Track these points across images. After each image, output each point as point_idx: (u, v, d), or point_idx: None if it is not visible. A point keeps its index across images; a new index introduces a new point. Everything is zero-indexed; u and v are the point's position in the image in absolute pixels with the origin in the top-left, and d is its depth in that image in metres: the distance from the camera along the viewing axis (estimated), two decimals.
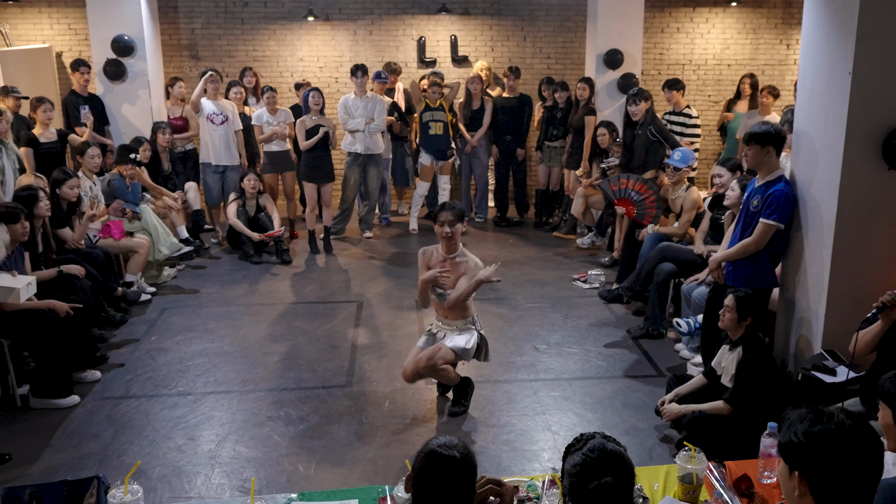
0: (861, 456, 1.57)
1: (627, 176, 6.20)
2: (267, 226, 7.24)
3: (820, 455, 1.59)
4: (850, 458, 1.57)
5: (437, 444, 2.03)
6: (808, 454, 1.60)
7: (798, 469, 1.62)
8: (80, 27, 8.62)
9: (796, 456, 1.63)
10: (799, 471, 1.62)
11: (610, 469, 1.80)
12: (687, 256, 5.37)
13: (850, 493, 1.57)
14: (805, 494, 1.61)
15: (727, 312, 3.74)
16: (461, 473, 2.00)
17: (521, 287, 6.48)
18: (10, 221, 4.41)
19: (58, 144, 6.60)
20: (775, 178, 4.13)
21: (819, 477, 1.59)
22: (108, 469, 3.70)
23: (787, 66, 9.47)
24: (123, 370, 4.88)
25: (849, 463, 1.57)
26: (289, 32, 9.06)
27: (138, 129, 7.78)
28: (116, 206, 6.23)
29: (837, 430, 1.59)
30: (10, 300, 4.22)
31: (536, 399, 4.49)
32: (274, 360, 5.03)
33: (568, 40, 9.31)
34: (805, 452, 1.61)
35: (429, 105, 7.77)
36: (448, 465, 1.99)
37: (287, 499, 2.66)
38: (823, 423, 1.61)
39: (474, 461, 2.05)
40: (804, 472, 1.61)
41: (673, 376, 4.24)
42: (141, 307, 5.95)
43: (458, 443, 2.05)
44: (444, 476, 1.98)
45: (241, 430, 4.14)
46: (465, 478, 2.01)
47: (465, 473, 2.01)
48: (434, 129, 7.79)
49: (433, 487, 1.98)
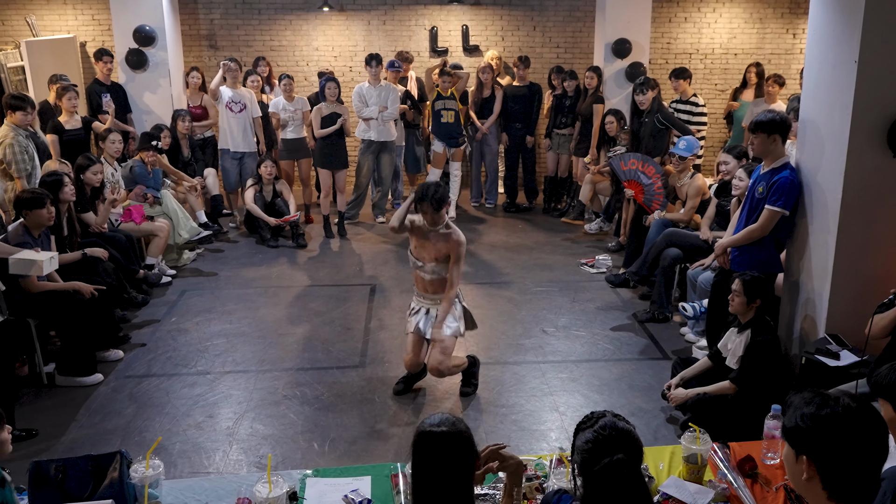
0: (868, 438, 1.57)
1: (638, 157, 6.27)
2: (283, 211, 7.37)
3: (828, 438, 1.57)
4: (858, 441, 1.56)
5: (429, 423, 2.01)
6: (816, 438, 1.59)
7: (805, 453, 1.60)
8: (103, 18, 8.75)
9: (803, 440, 1.61)
10: (806, 455, 1.60)
11: (621, 446, 1.83)
12: (693, 242, 5.44)
13: (857, 474, 1.57)
14: (813, 478, 1.60)
15: (735, 297, 3.77)
16: (455, 448, 1.97)
17: (530, 271, 6.58)
18: (36, 207, 4.54)
19: (82, 132, 6.74)
20: (781, 165, 4.17)
21: (827, 460, 1.58)
22: (130, 445, 3.80)
23: (794, 54, 9.45)
24: (145, 350, 5.02)
25: (856, 445, 1.56)
26: (304, 22, 9.15)
27: (159, 117, 7.95)
28: (138, 192, 6.38)
29: (844, 413, 1.58)
30: (34, 272, 4.33)
31: (544, 380, 4.60)
32: (290, 341, 5.16)
33: (577, 30, 9.34)
34: (812, 436, 1.59)
35: (440, 94, 7.85)
36: (441, 442, 1.96)
37: (302, 475, 2.71)
38: (830, 406, 1.60)
39: (467, 434, 2.02)
40: (812, 455, 1.59)
41: (678, 359, 4.30)
42: (162, 289, 6.09)
43: (448, 418, 2.03)
44: (438, 453, 1.96)
45: (257, 408, 4.26)
46: (460, 451, 1.98)
47: (459, 447, 1.98)
48: (446, 118, 7.88)
49: (430, 466, 1.97)
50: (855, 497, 1.58)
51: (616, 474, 1.81)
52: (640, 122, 6.85)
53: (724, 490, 2.54)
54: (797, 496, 2.50)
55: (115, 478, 2.37)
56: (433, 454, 1.97)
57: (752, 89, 7.98)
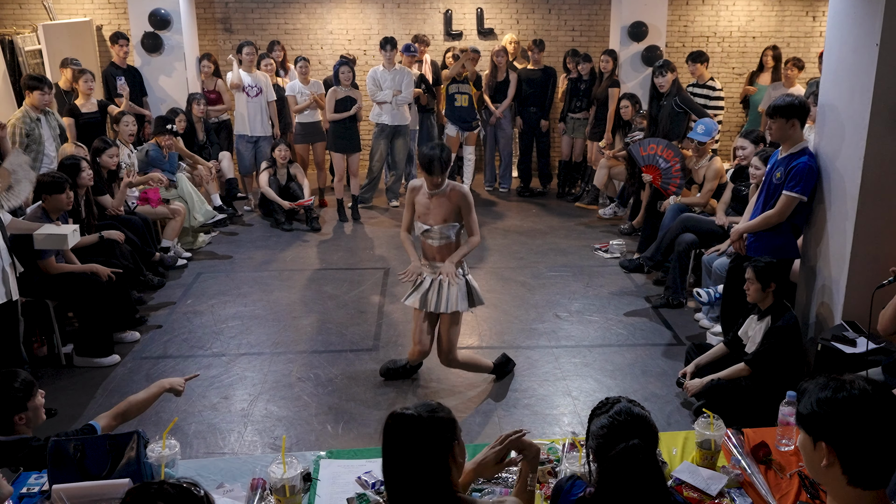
0: (886, 420, 1.54)
1: (657, 141, 6.22)
2: (297, 194, 7.39)
3: (846, 422, 1.55)
4: (877, 423, 1.53)
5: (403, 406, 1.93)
6: (834, 423, 1.56)
7: (824, 439, 1.58)
8: (119, 1, 8.77)
9: (821, 426, 1.58)
10: (825, 440, 1.57)
11: (636, 431, 1.83)
12: (708, 227, 5.40)
13: (877, 457, 1.55)
14: (833, 464, 1.57)
15: (750, 285, 3.75)
16: (423, 433, 1.85)
17: (544, 256, 6.57)
18: (56, 191, 4.58)
19: (98, 115, 6.78)
20: (799, 150, 4.12)
21: (846, 444, 1.55)
22: (147, 425, 3.83)
23: (813, 38, 9.32)
24: (161, 331, 5.08)
25: (875, 428, 1.53)
26: (319, 6, 9.11)
27: (174, 100, 7.97)
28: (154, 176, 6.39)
29: (861, 396, 1.56)
30: (60, 245, 4.37)
31: (557, 365, 4.60)
32: (304, 324, 5.19)
33: (592, 13, 9.24)
34: (830, 421, 1.57)
35: (455, 78, 7.83)
36: (407, 425, 1.86)
37: (316, 456, 2.72)
38: (846, 389, 1.57)
39: (446, 423, 1.90)
40: (831, 440, 1.57)
41: (692, 345, 4.30)
42: (177, 272, 6.14)
43: (429, 404, 1.93)
44: (403, 437, 1.86)
45: (272, 390, 4.30)
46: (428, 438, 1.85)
47: (428, 433, 1.85)
48: (460, 101, 7.86)
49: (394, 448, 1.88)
50: (874, 480, 1.57)
51: (631, 459, 1.80)
52: (658, 106, 6.79)
53: (738, 476, 2.53)
54: (811, 482, 2.49)
55: (133, 457, 2.40)
56: (398, 437, 1.87)
57: (768, 73, 7.88)
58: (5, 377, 2.71)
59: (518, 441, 2.27)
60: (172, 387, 3.04)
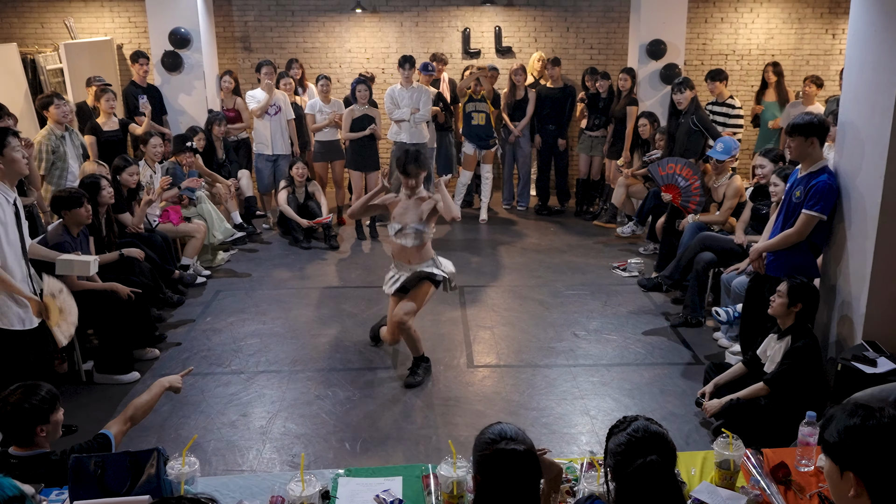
0: None
1: (676, 160, 6.21)
2: (316, 212, 7.44)
3: (875, 452, 1.51)
4: None
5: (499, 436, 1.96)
6: (863, 452, 1.52)
7: (852, 469, 1.54)
8: (139, 20, 8.94)
9: (849, 455, 1.54)
10: (853, 471, 1.53)
11: (654, 448, 1.83)
12: (727, 246, 5.37)
13: None
14: (861, 494, 1.53)
15: (778, 297, 3.72)
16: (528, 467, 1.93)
17: (562, 274, 6.56)
18: (74, 206, 4.63)
19: (119, 133, 6.89)
20: (818, 169, 4.11)
21: (876, 475, 1.51)
22: (167, 442, 3.88)
23: (833, 55, 9.28)
24: (180, 349, 5.11)
25: None
26: (337, 24, 9.23)
27: (193, 118, 8.09)
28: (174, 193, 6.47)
29: (891, 426, 1.53)
30: (80, 272, 4.44)
31: (575, 384, 4.58)
32: (322, 342, 5.21)
33: (611, 31, 9.27)
34: (859, 451, 1.53)
35: (472, 96, 7.90)
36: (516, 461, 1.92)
37: (335, 474, 2.73)
38: (875, 418, 1.54)
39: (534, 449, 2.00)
40: (859, 471, 1.53)
41: (711, 364, 4.27)
42: (197, 289, 6.19)
43: (519, 433, 1.99)
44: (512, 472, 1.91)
45: (290, 407, 4.32)
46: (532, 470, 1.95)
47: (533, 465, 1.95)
48: (477, 120, 7.93)
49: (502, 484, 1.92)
50: None
51: (649, 476, 1.80)
52: (676, 123, 6.79)
53: (757, 496, 2.51)
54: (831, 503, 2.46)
55: (153, 474, 2.42)
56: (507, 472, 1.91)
57: (772, 89, 7.84)
58: (30, 388, 2.75)
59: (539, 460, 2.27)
60: (171, 385, 3.13)
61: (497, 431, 1.98)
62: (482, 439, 1.98)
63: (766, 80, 7.97)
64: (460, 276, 6.49)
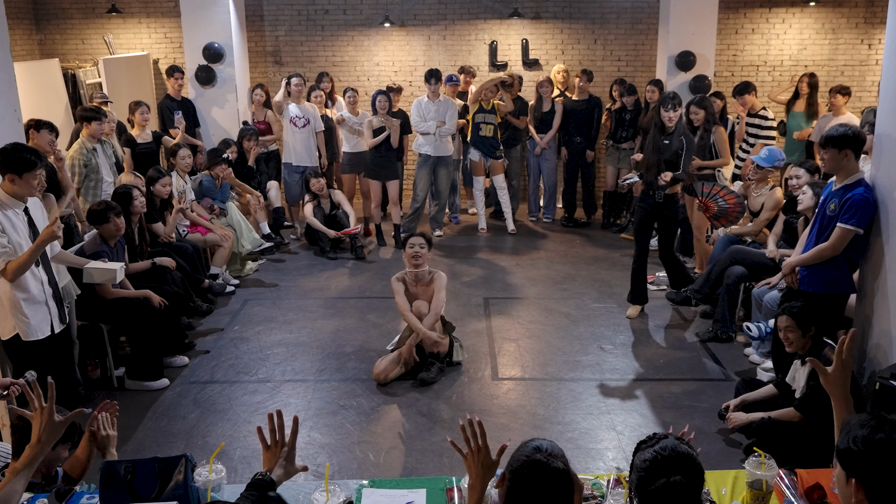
0: None
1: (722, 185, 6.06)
2: (343, 222, 7.48)
3: (878, 464, 1.52)
4: None
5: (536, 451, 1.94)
6: (866, 462, 1.54)
7: (855, 476, 1.56)
8: (174, 35, 9.14)
9: (854, 463, 1.57)
10: (856, 478, 1.55)
11: (680, 469, 1.78)
12: (758, 259, 5.28)
13: None
14: (862, 502, 1.55)
15: (789, 334, 3.68)
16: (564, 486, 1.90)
17: (588, 287, 6.51)
18: (102, 221, 4.76)
19: (153, 145, 7.04)
20: (854, 181, 4.02)
21: (877, 485, 1.52)
22: (194, 448, 3.92)
23: (869, 66, 9.13)
24: (209, 357, 5.17)
25: None
26: (366, 38, 9.33)
27: (226, 131, 8.24)
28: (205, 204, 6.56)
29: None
30: (107, 280, 4.54)
31: (601, 399, 4.53)
32: (347, 352, 5.22)
33: (639, 42, 9.24)
34: (863, 460, 1.55)
35: (482, 107, 7.92)
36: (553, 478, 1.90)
37: (359, 485, 2.72)
38: (885, 431, 1.55)
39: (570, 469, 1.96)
40: (861, 479, 1.54)
41: (742, 381, 4.20)
42: (225, 298, 6.26)
43: (557, 450, 1.97)
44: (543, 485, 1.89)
45: (315, 417, 4.33)
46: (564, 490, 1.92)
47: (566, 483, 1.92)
48: (485, 131, 7.97)
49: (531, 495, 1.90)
50: None
51: (671, 496, 1.75)
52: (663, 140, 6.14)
53: None
54: None
55: (180, 480, 2.44)
56: (540, 485, 1.89)
57: (803, 100, 7.71)
58: None
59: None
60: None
61: (537, 446, 1.96)
62: (522, 450, 1.97)
63: (798, 91, 7.87)
64: (485, 288, 6.51)
